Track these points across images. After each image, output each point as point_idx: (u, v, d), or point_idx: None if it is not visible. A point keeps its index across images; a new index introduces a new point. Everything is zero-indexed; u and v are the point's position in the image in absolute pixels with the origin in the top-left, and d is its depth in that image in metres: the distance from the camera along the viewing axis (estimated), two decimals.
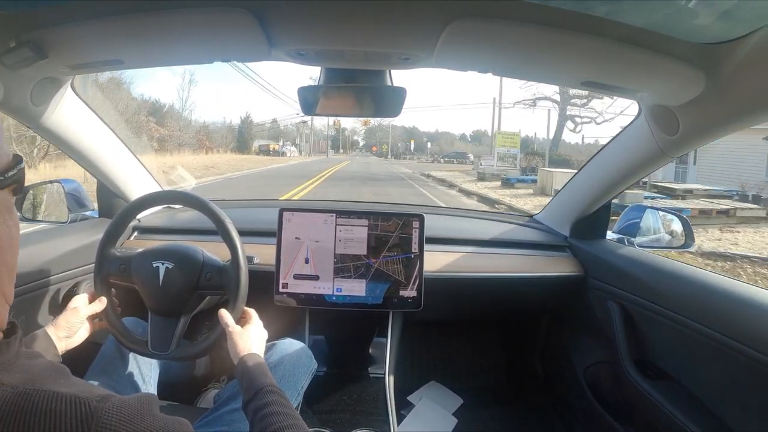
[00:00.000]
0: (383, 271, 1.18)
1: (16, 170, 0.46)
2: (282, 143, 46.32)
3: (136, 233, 1.39)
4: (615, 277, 1.24)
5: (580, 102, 25.05)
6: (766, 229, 7.60)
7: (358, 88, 0.94)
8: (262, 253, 1.19)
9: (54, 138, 1.08)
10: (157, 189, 1.41)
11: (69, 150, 1.16)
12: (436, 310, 1.26)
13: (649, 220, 1.39)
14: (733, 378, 0.88)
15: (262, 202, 1.83)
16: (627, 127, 1.12)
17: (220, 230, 0.91)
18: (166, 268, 0.89)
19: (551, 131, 23.97)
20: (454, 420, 1.56)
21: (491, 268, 1.35)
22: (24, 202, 1.29)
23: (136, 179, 1.38)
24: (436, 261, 1.31)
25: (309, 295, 1.18)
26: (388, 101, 0.95)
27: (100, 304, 0.89)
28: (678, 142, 0.94)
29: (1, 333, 0.44)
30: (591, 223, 1.41)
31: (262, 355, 0.83)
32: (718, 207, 8.37)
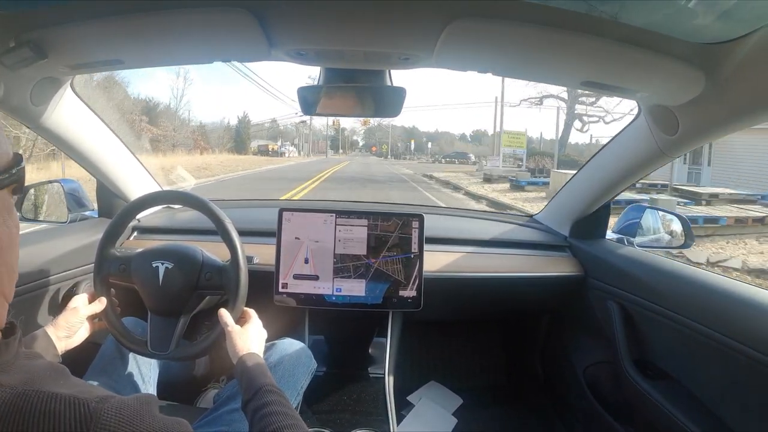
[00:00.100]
0: (383, 271, 1.18)
1: (15, 170, 0.45)
2: (281, 143, 46.22)
3: (135, 233, 1.39)
4: (615, 277, 1.24)
5: (588, 100, 23.83)
6: None
7: (358, 88, 0.94)
8: (262, 253, 1.19)
9: (53, 138, 1.08)
10: (156, 189, 1.41)
11: (68, 150, 1.16)
12: (436, 310, 1.26)
13: (649, 220, 1.39)
14: (733, 378, 0.88)
15: (261, 202, 1.83)
16: (627, 127, 1.12)
17: (219, 230, 0.91)
18: (166, 268, 0.89)
19: (559, 131, 22.34)
20: (454, 420, 1.56)
21: (491, 268, 1.35)
22: (24, 202, 1.29)
23: (136, 179, 1.38)
24: (436, 261, 1.31)
25: (309, 295, 1.18)
26: (388, 101, 0.95)
27: (100, 304, 0.89)
28: (677, 142, 0.94)
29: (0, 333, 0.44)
30: (591, 223, 1.41)
31: (261, 354, 0.83)
32: (753, 215, 7.45)
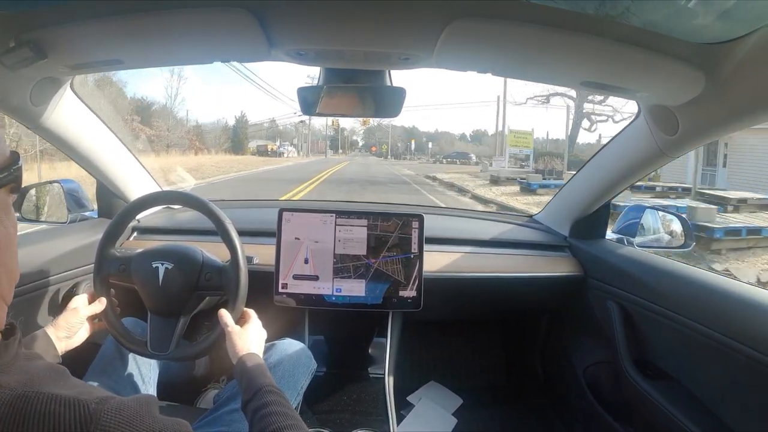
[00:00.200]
0: (383, 271, 1.18)
1: (13, 169, 0.45)
2: (279, 143, 46.03)
3: (135, 233, 1.39)
4: (615, 277, 1.24)
5: (597, 99, 22.49)
6: None
7: (358, 88, 0.94)
8: (262, 254, 1.19)
9: (53, 138, 1.08)
10: (156, 189, 1.41)
11: (68, 150, 1.15)
12: (436, 310, 1.26)
13: (649, 220, 1.39)
14: (733, 378, 0.88)
15: (261, 202, 1.83)
16: (626, 127, 1.13)
17: (219, 230, 0.91)
18: (166, 268, 0.89)
19: (569, 130, 21.55)
20: (454, 420, 1.56)
21: (491, 268, 1.35)
22: (25, 202, 1.29)
23: (136, 179, 1.38)
24: (436, 261, 1.31)
25: (308, 296, 1.18)
26: (388, 101, 0.95)
27: (100, 305, 0.89)
28: (677, 142, 0.94)
29: None
30: (590, 223, 1.41)
31: (261, 355, 0.83)
32: None
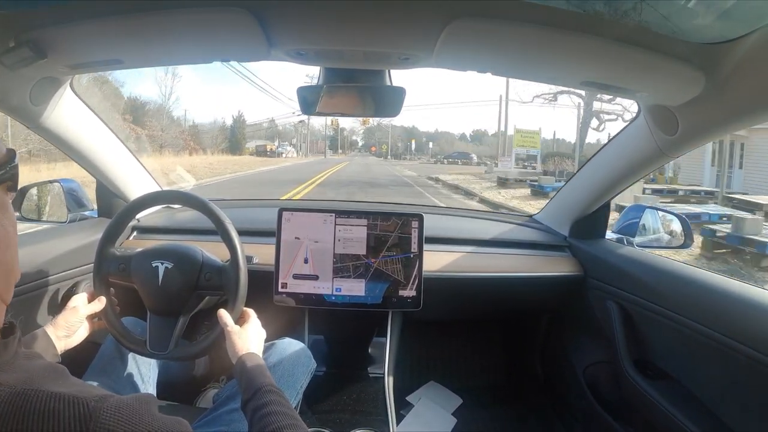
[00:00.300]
0: (382, 270, 1.18)
1: (9, 167, 0.45)
2: (278, 143, 45.81)
3: (135, 233, 1.39)
4: (614, 277, 1.24)
5: (606, 97, 20.33)
6: None
7: (358, 87, 0.94)
8: (262, 253, 1.19)
9: (53, 138, 1.08)
10: (156, 189, 1.41)
11: (68, 150, 1.16)
12: (436, 309, 1.26)
13: (649, 219, 1.39)
14: (733, 378, 0.88)
15: (261, 202, 1.83)
16: (626, 127, 1.13)
17: (219, 230, 0.91)
18: (166, 267, 0.89)
19: (579, 129, 20.20)
20: (454, 420, 1.56)
21: (491, 268, 1.35)
22: (25, 202, 1.29)
23: (136, 179, 1.38)
24: (436, 261, 1.31)
25: (308, 295, 1.18)
26: (388, 101, 0.95)
27: (99, 304, 0.89)
28: (677, 141, 0.94)
29: None
30: (590, 222, 1.41)
31: (260, 354, 0.83)
32: None
